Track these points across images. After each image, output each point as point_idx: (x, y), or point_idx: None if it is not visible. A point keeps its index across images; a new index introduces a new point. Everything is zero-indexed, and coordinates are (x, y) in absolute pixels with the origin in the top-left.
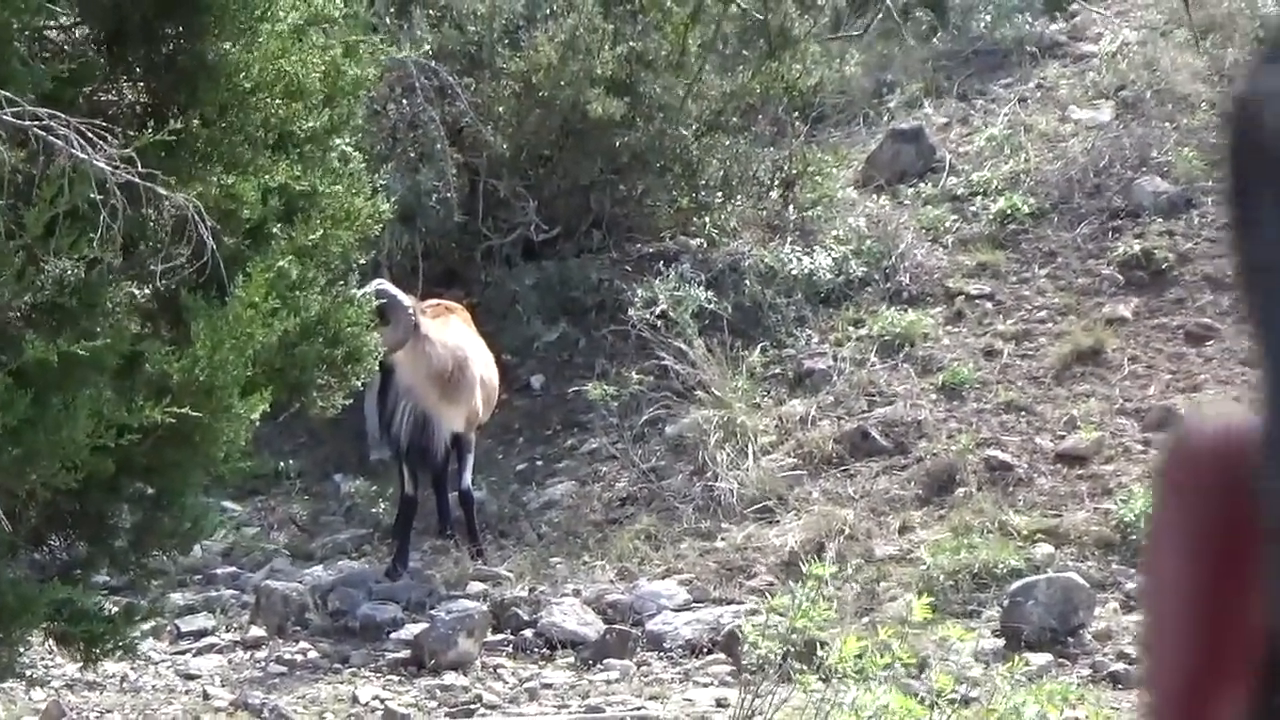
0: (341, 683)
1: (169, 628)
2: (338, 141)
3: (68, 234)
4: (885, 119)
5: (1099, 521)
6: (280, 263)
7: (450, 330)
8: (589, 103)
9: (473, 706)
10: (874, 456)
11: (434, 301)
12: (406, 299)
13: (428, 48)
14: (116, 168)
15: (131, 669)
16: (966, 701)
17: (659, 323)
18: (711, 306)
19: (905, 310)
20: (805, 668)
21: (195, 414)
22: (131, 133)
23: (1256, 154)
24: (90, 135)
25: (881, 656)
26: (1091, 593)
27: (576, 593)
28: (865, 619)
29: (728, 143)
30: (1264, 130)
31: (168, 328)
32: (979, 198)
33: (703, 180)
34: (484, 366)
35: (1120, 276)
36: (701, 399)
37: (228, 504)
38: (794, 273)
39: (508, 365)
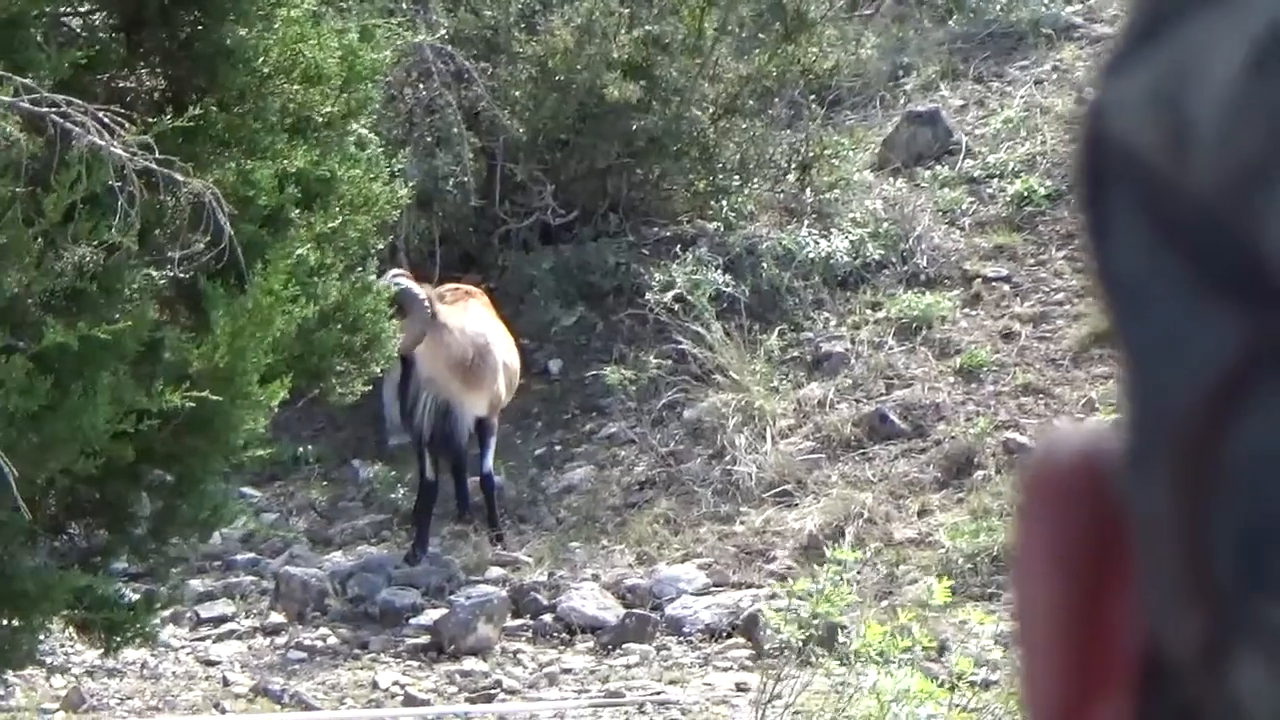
0: (361, 668)
1: (189, 614)
2: (355, 126)
3: (86, 220)
4: (901, 101)
5: None
6: (299, 249)
7: (469, 315)
8: (605, 86)
9: (492, 691)
10: (892, 440)
11: (452, 286)
12: (421, 290)
13: (444, 32)
14: (134, 154)
15: (151, 656)
16: (987, 685)
17: (676, 306)
18: (729, 290)
19: (922, 293)
20: (825, 652)
21: (214, 400)
22: (149, 119)
23: (1103, 163)
24: (108, 121)
25: (902, 640)
26: None
27: (596, 577)
28: (884, 602)
29: (744, 126)
30: (1110, 139)
31: (186, 314)
32: (996, 180)
33: (719, 164)
34: (505, 350)
35: None
36: (719, 383)
37: (247, 490)
38: (811, 256)
39: (525, 350)
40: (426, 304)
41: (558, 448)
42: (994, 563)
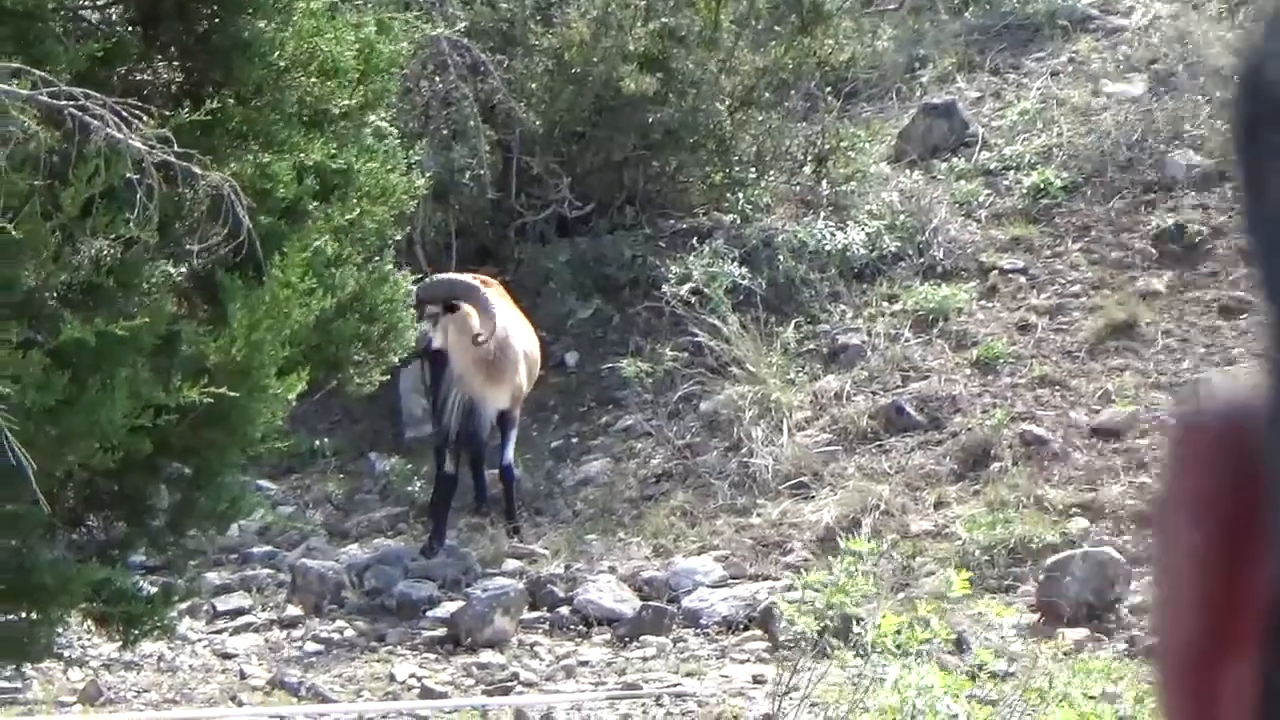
0: (378, 661)
1: (205, 607)
2: (372, 118)
3: (104, 214)
4: (918, 94)
5: (1134, 496)
6: (316, 241)
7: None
8: (622, 79)
9: (509, 684)
10: (909, 432)
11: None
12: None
13: (461, 25)
14: (152, 147)
15: (168, 648)
16: (1005, 677)
17: (693, 299)
18: (745, 282)
19: (939, 285)
20: (842, 644)
21: (232, 394)
22: (167, 112)
23: (1262, 113)
24: (126, 115)
25: (919, 632)
26: (1127, 567)
27: (612, 570)
28: (901, 594)
29: (760, 118)
30: (1270, 89)
31: (204, 308)
32: (1012, 172)
33: (736, 156)
34: (525, 340)
35: (1154, 250)
36: (736, 375)
37: (264, 483)
38: (827, 248)
39: (542, 342)
40: (484, 294)
41: (574, 440)
42: (1010, 555)
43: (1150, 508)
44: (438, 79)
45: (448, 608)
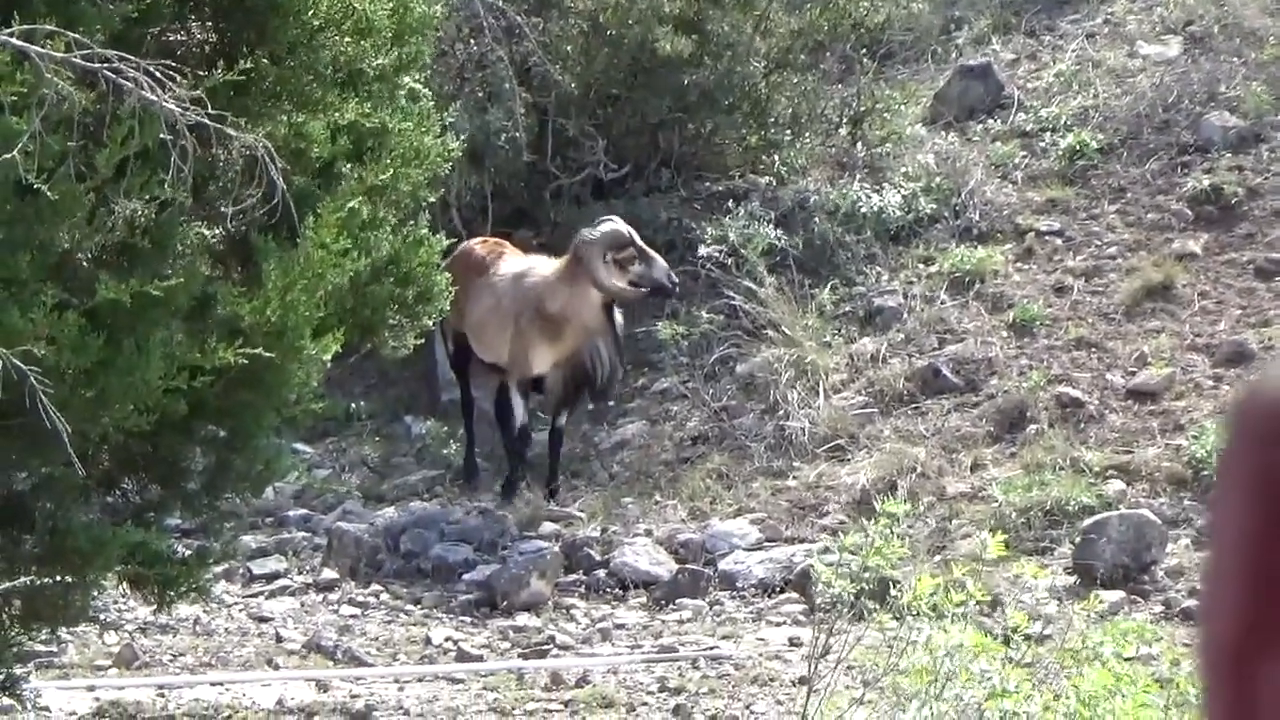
0: (414, 624)
1: (241, 570)
2: (406, 80)
3: (138, 175)
4: (953, 55)
5: (1170, 458)
6: (350, 202)
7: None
8: (657, 41)
9: (545, 647)
10: (945, 394)
11: (480, 240)
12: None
13: None
14: (186, 108)
15: (204, 612)
16: (1041, 639)
17: (728, 261)
18: (781, 245)
19: (975, 247)
20: (878, 606)
21: (267, 355)
22: (200, 73)
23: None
24: (159, 76)
25: (955, 594)
26: (1164, 529)
27: (648, 532)
28: (938, 557)
29: (796, 80)
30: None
31: (238, 269)
32: (1048, 134)
33: (771, 118)
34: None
35: (1190, 212)
36: (772, 338)
37: (299, 446)
38: (863, 210)
39: None
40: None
41: (610, 403)
42: (1046, 517)
43: (1209, 490)
44: (473, 42)
45: (484, 571)
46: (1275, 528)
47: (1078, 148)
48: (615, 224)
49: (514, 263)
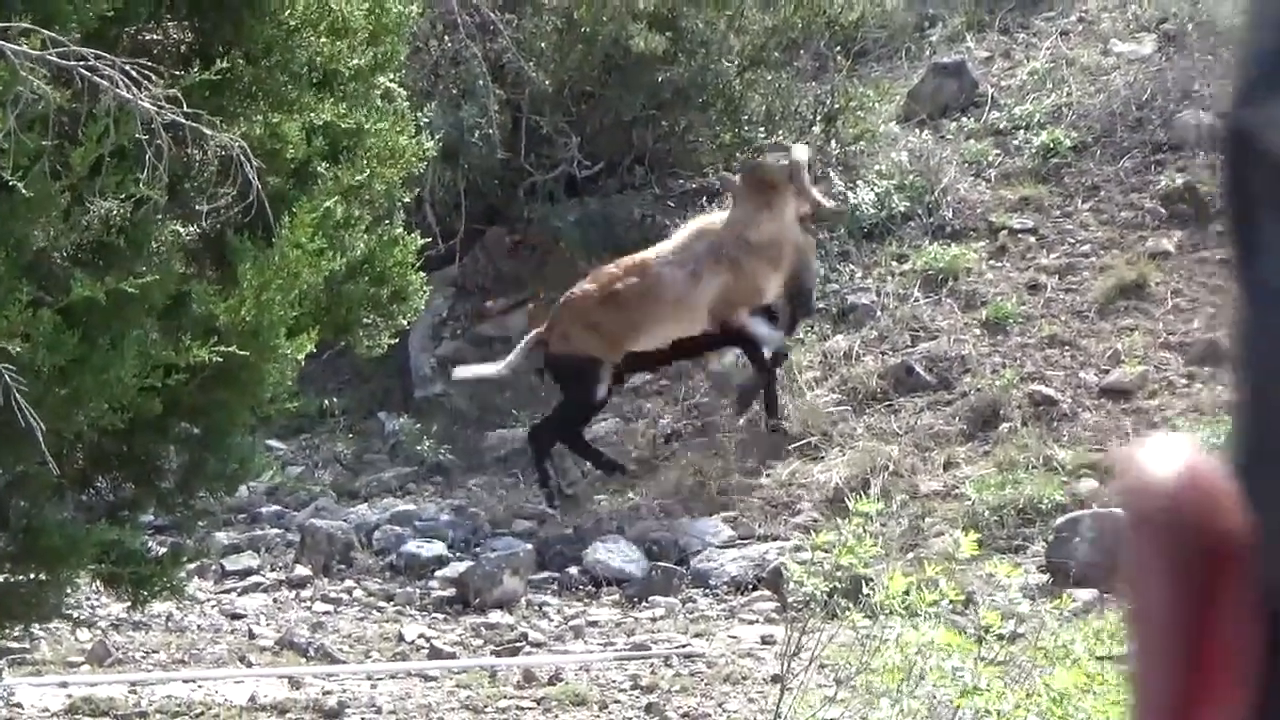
0: (387, 621)
1: (214, 567)
2: (381, 79)
3: (113, 173)
4: (927, 53)
5: None
6: (326, 202)
7: None
8: (631, 38)
9: (518, 644)
10: (918, 392)
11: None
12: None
13: None
14: (162, 107)
15: (177, 609)
16: (1014, 637)
17: None
18: None
19: (948, 245)
20: (851, 604)
21: (242, 353)
22: (176, 72)
23: (1255, 181)
24: (135, 75)
25: (928, 592)
26: None
27: (621, 530)
28: (910, 555)
29: (770, 78)
30: (1262, 158)
31: (213, 268)
32: (1021, 132)
33: (745, 115)
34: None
35: (1163, 210)
36: None
37: (273, 443)
38: None
39: (549, 302)
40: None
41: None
42: (1020, 515)
43: (1117, 576)
44: (447, 38)
45: (456, 568)
46: (1189, 606)
47: (1051, 146)
48: (800, 149)
49: (661, 245)
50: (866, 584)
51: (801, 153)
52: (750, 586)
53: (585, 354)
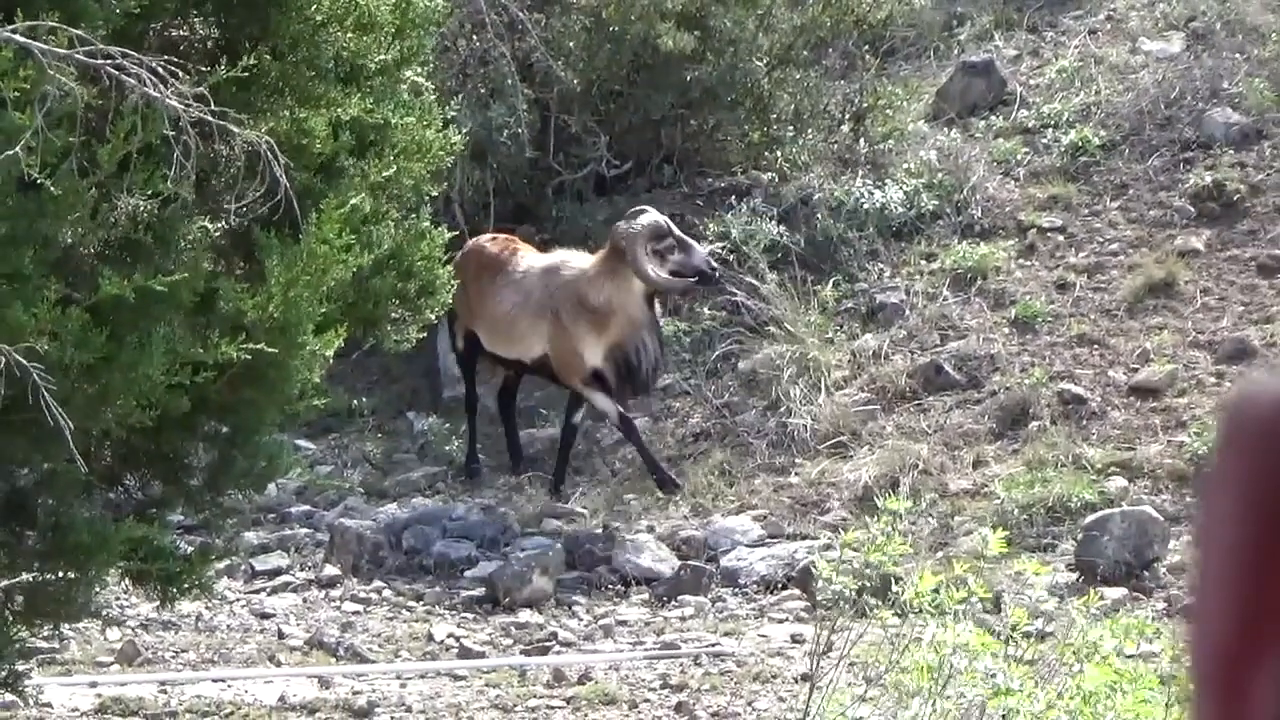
0: (416, 621)
1: (243, 567)
2: (408, 74)
3: (141, 171)
4: (955, 52)
5: (1173, 454)
6: (353, 197)
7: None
8: (660, 37)
9: (548, 644)
10: (947, 391)
11: (490, 236)
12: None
13: None
14: (189, 105)
15: (206, 608)
16: (1043, 636)
17: (731, 257)
18: (783, 241)
19: (977, 244)
20: (880, 603)
21: (270, 351)
22: (203, 68)
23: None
24: (162, 72)
25: (957, 591)
26: (1166, 526)
27: (651, 529)
28: (940, 554)
29: (798, 76)
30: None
31: (241, 265)
32: (1050, 130)
33: (773, 114)
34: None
35: (1192, 208)
36: (774, 334)
37: (302, 442)
38: (865, 207)
39: None
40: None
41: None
42: (1049, 514)
43: (1197, 494)
44: (475, 38)
45: (486, 567)
46: (1267, 534)
47: (1080, 144)
48: (652, 214)
49: (537, 257)
50: (896, 582)
51: (644, 220)
52: (780, 585)
53: (452, 303)
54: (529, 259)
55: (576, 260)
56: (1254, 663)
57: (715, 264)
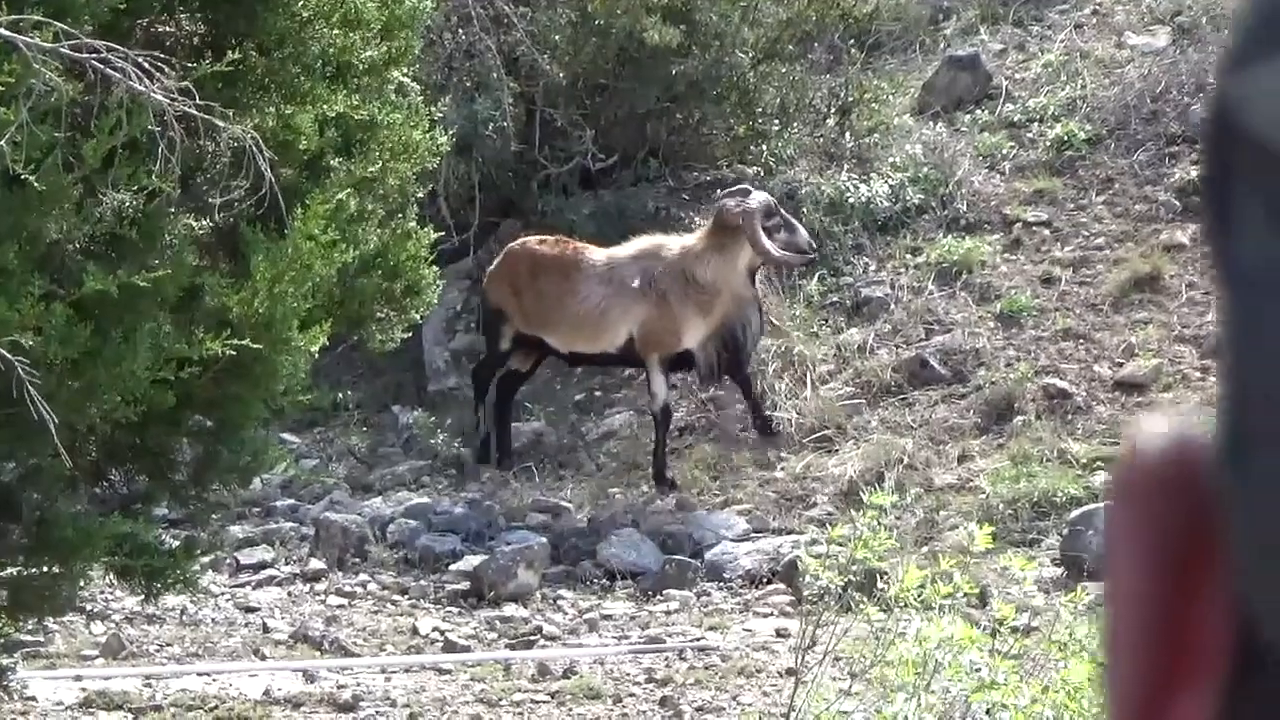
0: (401, 614)
1: (228, 561)
2: (395, 73)
3: (126, 166)
4: (942, 46)
5: None
6: (338, 195)
7: None
8: (645, 30)
9: (532, 638)
10: (932, 385)
11: (539, 239)
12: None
13: None
14: (174, 99)
15: (191, 602)
16: (1028, 631)
17: None
18: None
19: (963, 238)
20: (865, 598)
21: (254, 346)
22: (189, 63)
23: (1233, 156)
24: (148, 67)
25: (943, 586)
26: None
27: (636, 523)
28: (925, 548)
29: (784, 70)
30: (1242, 132)
31: (226, 260)
32: (1036, 124)
33: (759, 108)
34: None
35: (1177, 203)
36: None
37: (287, 436)
38: (851, 201)
39: None
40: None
41: (598, 394)
42: (1034, 508)
43: (1102, 545)
44: (461, 31)
45: (471, 561)
46: (1159, 582)
47: (1065, 138)
48: (761, 193)
49: (615, 249)
50: (881, 577)
51: (760, 198)
52: (764, 580)
53: (497, 306)
54: (600, 252)
55: (673, 241)
56: (1171, 700)
57: (814, 244)
